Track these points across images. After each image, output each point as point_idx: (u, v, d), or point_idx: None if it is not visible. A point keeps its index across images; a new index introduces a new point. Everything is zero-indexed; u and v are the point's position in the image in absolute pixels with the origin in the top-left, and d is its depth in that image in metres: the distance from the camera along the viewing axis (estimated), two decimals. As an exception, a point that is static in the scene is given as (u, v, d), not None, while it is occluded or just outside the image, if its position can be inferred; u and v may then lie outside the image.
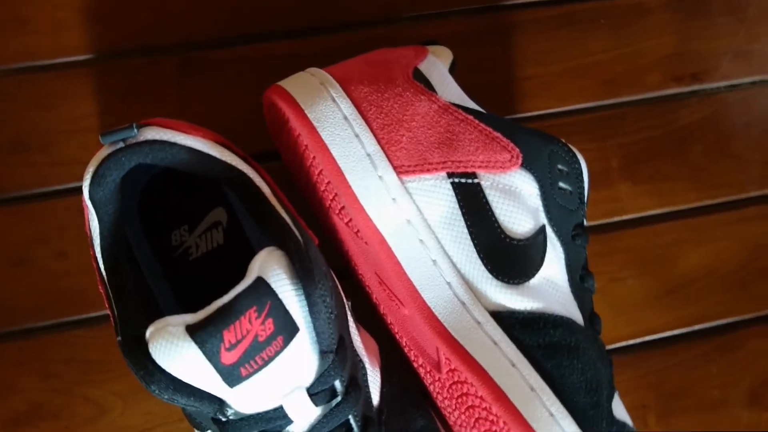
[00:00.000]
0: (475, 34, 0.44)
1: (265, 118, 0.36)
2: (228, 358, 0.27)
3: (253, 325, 0.27)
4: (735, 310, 0.44)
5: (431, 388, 0.36)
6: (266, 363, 0.27)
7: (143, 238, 0.35)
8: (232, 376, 0.27)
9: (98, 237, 0.31)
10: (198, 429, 0.32)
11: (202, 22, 0.42)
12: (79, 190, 0.34)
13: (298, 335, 0.28)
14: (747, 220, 0.45)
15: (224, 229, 0.37)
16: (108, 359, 0.39)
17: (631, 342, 0.43)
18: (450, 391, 0.33)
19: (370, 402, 0.33)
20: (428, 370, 0.34)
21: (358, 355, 0.33)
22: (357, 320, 0.35)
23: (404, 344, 0.36)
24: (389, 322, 0.36)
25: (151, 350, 0.26)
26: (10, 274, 0.39)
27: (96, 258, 0.31)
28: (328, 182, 0.32)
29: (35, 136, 0.39)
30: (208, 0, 0.42)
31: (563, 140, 0.33)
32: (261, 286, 0.27)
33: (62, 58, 0.40)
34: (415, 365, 0.36)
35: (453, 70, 0.35)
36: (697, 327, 0.43)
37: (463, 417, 0.34)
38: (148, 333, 0.27)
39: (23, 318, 0.39)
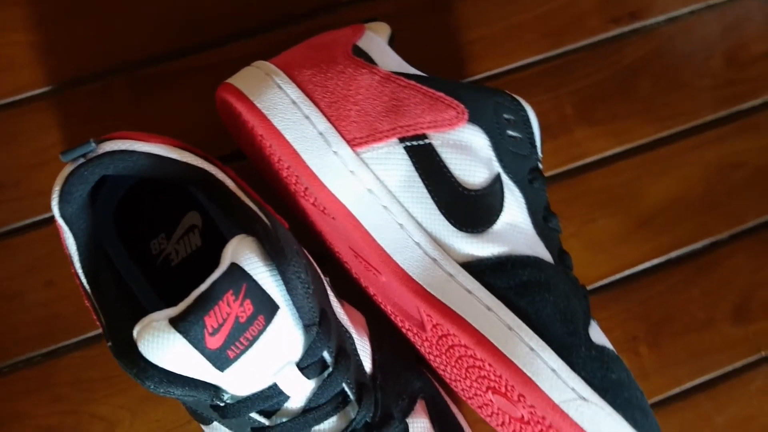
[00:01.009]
0: (414, 9, 0.45)
1: (221, 117, 0.38)
2: (213, 342, 0.28)
3: (232, 307, 0.28)
4: (707, 231, 0.45)
5: (423, 350, 0.37)
6: (252, 343, 0.29)
7: (123, 251, 0.36)
8: (220, 359, 0.28)
9: (76, 253, 0.32)
10: (204, 423, 0.34)
11: (148, 41, 0.43)
12: (52, 224, 0.36)
13: (279, 312, 0.29)
14: (705, 144, 0.46)
15: (200, 231, 0.38)
16: (110, 375, 0.40)
17: (612, 278, 0.44)
18: (438, 347, 0.34)
19: (363, 369, 0.34)
20: (415, 332, 0.36)
21: (343, 326, 0.34)
22: (343, 297, 0.37)
23: (390, 312, 0.37)
24: (372, 293, 0.37)
25: (140, 348, 0.28)
26: (3, 308, 0.40)
27: (77, 274, 0.32)
28: (288, 166, 0.33)
29: (4, 173, 0.41)
30: (150, 18, 0.43)
31: (506, 91, 0.34)
32: (235, 270, 0.28)
33: (19, 95, 0.42)
34: (404, 331, 0.37)
35: (392, 42, 0.36)
36: (673, 254, 0.45)
37: (455, 370, 0.35)
38: (135, 332, 0.28)
39: (23, 349, 0.40)
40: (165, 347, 0.27)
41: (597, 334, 0.32)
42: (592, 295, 0.43)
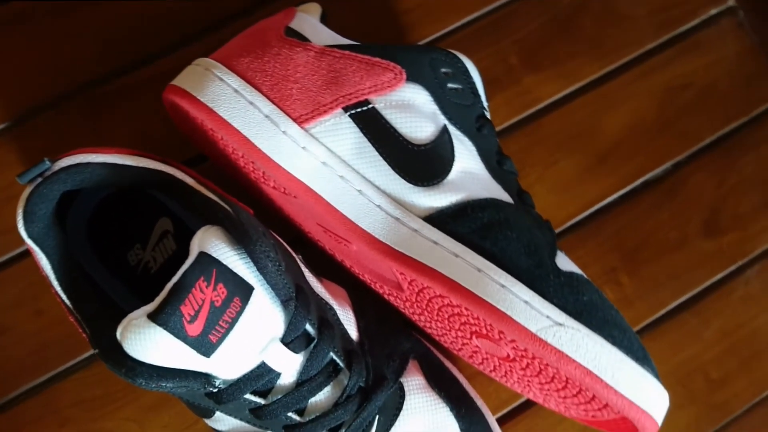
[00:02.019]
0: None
1: (174, 121, 0.38)
2: (193, 329, 0.29)
3: (205, 293, 0.29)
4: (666, 155, 0.46)
5: (407, 311, 0.38)
6: (232, 325, 0.29)
7: (100, 266, 0.37)
8: (204, 345, 0.29)
9: (51, 271, 0.33)
10: (206, 416, 0.35)
11: (95, 61, 0.44)
12: (29, 254, 0.36)
13: (255, 293, 0.30)
14: (651, 71, 0.47)
15: (173, 235, 0.39)
16: (111, 391, 0.41)
17: (581, 216, 0.45)
18: (419, 303, 0.35)
19: (349, 337, 0.35)
20: (395, 294, 0.37)
21: (323, 299, 0.35)
22: (323, 276, 0.38)
23: (368, 281, 0.38)
24: (349, 266, 0.38)
25: (125, 348, 0.28)
26: (-4, 344, 0.41)
27: (57, 292, 0.33)
28: (243, 155, 0.34)
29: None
30: (93, 39, 0.44)
31: (440, 47, 0.35)
32: (203, 258, 0.29)
33: (-23, 134, 0.42)
34: (386, 296, 0.38)
35: (325, 20, 0.37)
36: (637, 183, 0.46)
37: (439, 323, 0.36)
38: (118, 333, 0.29)
39: (22, 380, 0.41)
40: (148, 342, 0.28)
41: (565, 262, 0.33)
42: (565, 236, 0.44)
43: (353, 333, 0.36)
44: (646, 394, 0.31)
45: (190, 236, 0.39)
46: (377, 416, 0.35)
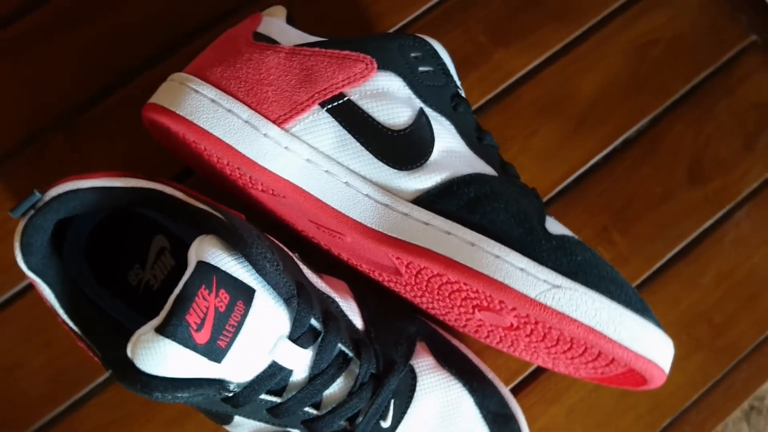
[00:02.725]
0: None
1: (157, 138, 0.39)
2: (201, 337, 0.29)
3: (208, 300, 0.29)
4: (643, 111, 0.47)
5: (408, 295, 0.39)
6: (238, 328, 0.30)
7: (102, 290, 0.38)
8: (213, 351, 0.29)
9: (55, 300, 0.33)
10: (226, 422, 0.35)
11: (69, 90, 0.44)
12: (31, 287, 0.37)
13: (256, 294, 0.31)
14: (618, 31, 0.48)
15: (170, 251, 0.39)
16: (129, 412, 0.41)
17: (567, 181, 0.46)
18: (418, 285, 0.36)
19: (355, 327, 0.36)
20: (395, 280, 0.37)
21: (324, 293, 0.35)
22: (320, 270, 0.38)
23: (367, 270, 0.38)
24: (346, 258, 0.39)
25: (137, 364, 0.29)
26: (10, 381, 0.41)
27: (63, 320, 0.34)
28: (228, 162, 0.35)
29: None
30: (65, 68, 0.44)
31: (408, 32, 0.36)
32: (202, 267, 0.30)
33: (-37, 178, 0.43)
34: (386, 284, 0.39)
35: (291, 21, 0.38)
36: (617, 142, 0.46)
37: (441, 302, 0.37)
38: (128, 351, 0.29)
39: (40, 413, 0.41)
40: (159, 355, 0.29)
41: (555, 226, 0.34)
42: (554, 202, 0.45)
43: (358, 323, 0.36)
44: (650, 343, 0.32)
45: (186, 250, 0.39)
46: (392, 400, 0.35)
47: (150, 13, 0.45)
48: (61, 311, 0.33)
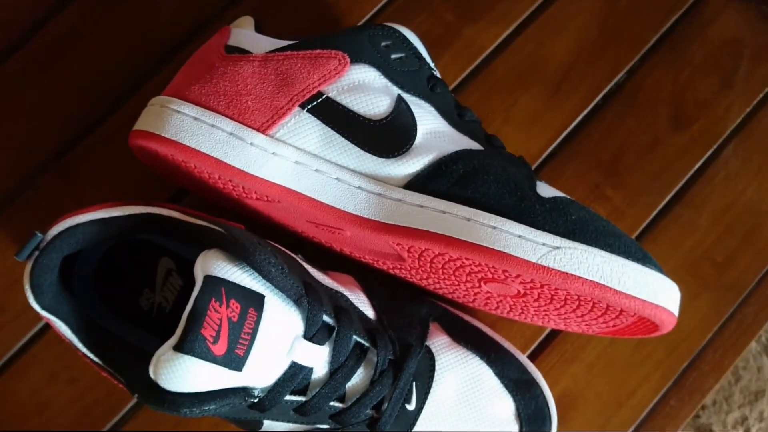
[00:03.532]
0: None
1: (147, 164, 0.39)
2: (219, 349, 0.30)
3: (220, 312, 0.30)
4: (618, 64, 0.47)
5: (415, 279, 0.39)
6: (253, 335, 0.31)
7: (117, 319, 0.38)
8: (233, 361, 0.30)
9: (73, 335, 0.34)
10: (255, 429, 0.36)
11: (56, 130, 0.44)
12: (48, 327, 0.37)
13: (266, 299, 0.31)
14: (584, -11, 0.48)
15: (176, 272, 0.40)
16: (162, 433, 0.42)
17: (554, 145, 0.46)
18: (422, 267, 0.36)
19: (367, 318, 0.36)
20: (399, 266, 0.38)
21: (332, 289, 0.36)
22: (325, 269, 0.39)
23: (371, 261, 0.39)
24: (349, 252, 0.39)
25: (161, 384, 0.30)
26: (41, 422, 0.42)
27: (84, 354, 0.35)
28: (219, 176, 0.35)
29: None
30: (49, 109, 0.45)
31: (377, 23, 0.36)
32: (209, 281, 0.30)
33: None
34: (391, 271, 0.39)
35: (260, 29, 0.38)
36: (598, 98, 0.47)
37: (447, 281, 0.37)
38: (151, 373, 0.30)
39: (75, 447, 0.42)
40: (180, 372, 0.29)
41: (546, 190, 0.34)
42: (543, 168, 0.46)
43: (370, 313, 0.37)
44: (655, 289, 0.33)
45: (192, 268, 0.40)
46: (413, 383, 0.36)
47: (120, 45, 0.46)
48: (80, 345, 0.34)
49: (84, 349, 0.34)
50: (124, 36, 0.46)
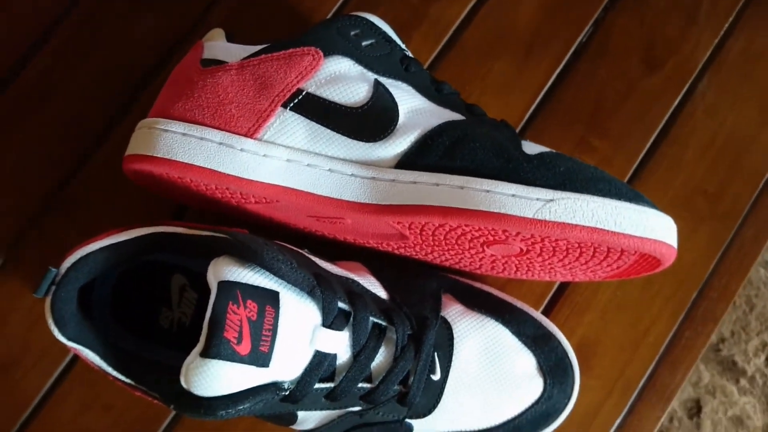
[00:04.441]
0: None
1: (144, 187, 0.40)
2: (243, 348, 0.31)
3: (239, 313, 0.31)
4: (584, 17, 0.48)
5: (420, 256, 0.41)
6: (274, 331, 0.32)
7: (139, 340, 0.39)
8: (259, 358, 0.31)
9: (102, 361, 0.35)
10: (291, 422, 0.37)
11: (49, 166, 0.45)
12: (76, 358, 0.38)
13: (281, 295, 0.32)
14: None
15: (189, 286, 0.41)
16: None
17: (534, 106, 0.47)
18: (426, 242, 0.38)
19: (380, 299, 0.37)
20: (404, 245, 0.39)
21: (343, 276, 0.37)
22: (335, 259, 0.40)
23: (375, 245, 0.40)
24: (352, 240, 0.40)
25: (194, 391, 0.31)
26: (84, 451, 0.43)
27: (115, 377, 0.36)
28: (216, 186, 0.36)
29: (14, 350, 0.43)
30: (39, 146, 0.46)
31: (341, 14, 0.37)
32: (224, 286, 0.31)
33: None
34: (398, 252, 0.41)
35: (232, 39, 0.39)
36: (569, 54, 0.48)
37: (451, 250, 0.39)
38: (183, 383, 0.31)
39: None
40: (210, 377, 0.30)
41: (531, 148, 0.35)
42: (527, 130, 0.47)
43: (382, 293, 0.38)
44: (651, 225, 0.34)
45: (205, 279, 0.42)
46: (435, 354, 0.37)
47: (98, 76, 0.46)
48: (109, 369, 0.35)
49: (114, 373, 0.35)
50: (100, 67, 0.47)
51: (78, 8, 0.47)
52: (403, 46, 0.39)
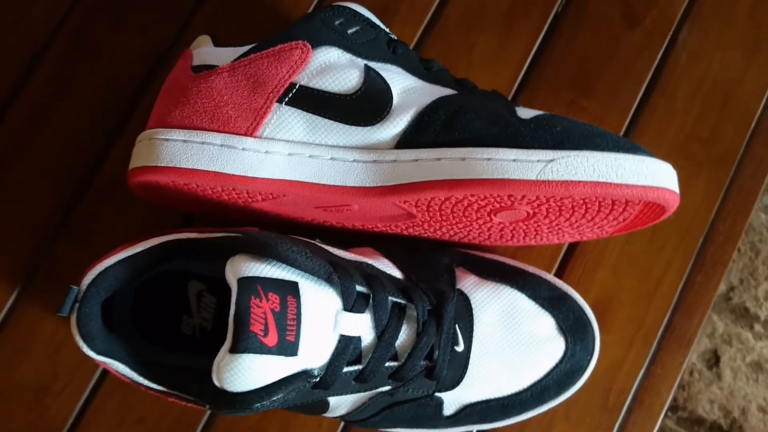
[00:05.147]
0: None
1: (149, 200, 0.41)
2: (270, 340, 0.32)
3: (262, 306, 0.32)
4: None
5: (429, 233, 0.41)
6: (298, 320, 0.32)
7: (164, 350, 0.40)
8: (287, 348, 0.32)
9: (132, 372, 0.35)
10: (323, 410, 0.38)
11: (51, 193, 0.46)
12: (104, 377, 0.39)
13: (301, 284, 0.33)
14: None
15: (207, 291, 0.42)
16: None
17: (520, 75, 0.48)
18: (434, 218, 0.38)
19: (396, 279, 0.38)
20: (412, 224, 0.40)
21: (357, 261, 0.38)
22: (347, 246, 0.40)
23: (384, 228, 0.41)
24: (361, 226, 0.41)
25: (227, 388, 0.31)
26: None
27: (147, 387, 0.36)
28: (222, 188, 0.37)
29: (43, 376, 0.44)
30: (42, 176, 0.46)
31: (324, 6, 0.38)
32: (243, 282, 0.32)
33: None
34: (407, 232, 0.41)
35: (218, 43, 0.40)
36: (549, 20, 0.48)
37: (460, 223, 0.39)
38: (215, 381, 0.32)
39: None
40: (242, 371, 0.31)
41: (525, 112, 0.36)
42: (518, 98, 0.48)
43: (397, 273, 0.39)
44: (651, 172, 0.35)
45: (222, 282, 0.42)
46: (456, 326, 0.38)
47: (91, 97, 0.47)
48: (141, 379, 0.36)
49: (146, 382, 0.36)
50: (92, 88, 0.47)
51: (62, 31, 0.48)
52: (387, 30, 0.39)
